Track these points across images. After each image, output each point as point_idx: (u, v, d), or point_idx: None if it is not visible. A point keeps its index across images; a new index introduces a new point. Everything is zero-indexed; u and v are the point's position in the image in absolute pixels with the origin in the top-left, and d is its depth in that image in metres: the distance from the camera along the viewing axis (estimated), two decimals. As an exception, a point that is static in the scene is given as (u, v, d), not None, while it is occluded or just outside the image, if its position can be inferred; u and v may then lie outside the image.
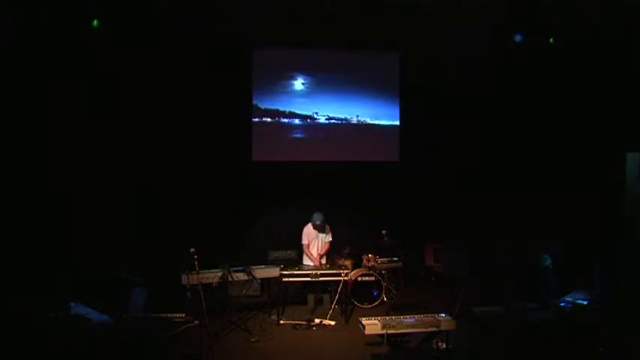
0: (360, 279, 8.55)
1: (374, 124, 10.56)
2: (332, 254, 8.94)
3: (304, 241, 8.69)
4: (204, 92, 9.73)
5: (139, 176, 9.41)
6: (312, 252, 8.64)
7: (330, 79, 10.42)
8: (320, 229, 8.63)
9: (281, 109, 10.31)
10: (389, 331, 6.13)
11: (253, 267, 8.04)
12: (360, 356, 6.78)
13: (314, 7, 8.59)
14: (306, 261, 8.70)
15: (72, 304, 6.38)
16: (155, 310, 6.75)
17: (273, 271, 8.18)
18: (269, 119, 10.28)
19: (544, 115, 9.61)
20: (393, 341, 6.33)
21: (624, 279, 7.83)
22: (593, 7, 7.95)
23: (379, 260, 8.53)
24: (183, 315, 6.51)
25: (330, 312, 8.03)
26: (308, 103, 10.37)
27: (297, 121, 10.35)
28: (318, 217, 8.57)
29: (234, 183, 9.99)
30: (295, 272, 8.17)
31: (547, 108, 9.58)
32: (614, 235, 8.36)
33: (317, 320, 7.92)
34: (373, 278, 8.57)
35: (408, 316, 6.41)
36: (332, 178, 10.21)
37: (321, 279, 8.18)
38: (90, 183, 8.98)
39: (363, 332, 6.24)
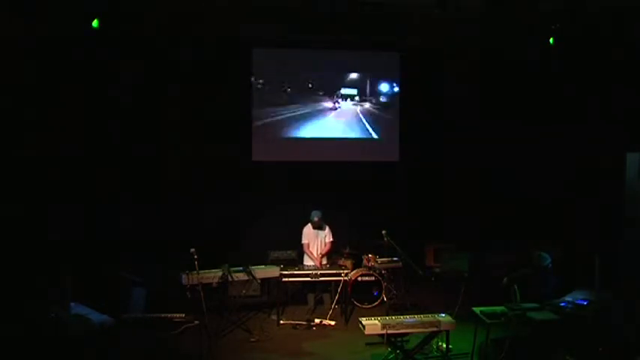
0: (360, 279, 8.54)
1: (374, 124, 10.55)
2: (332, 254, 8.94)
3: (304, 241, 8.68)
4: (204, 92, 9.73)
5: (138, 175, 9.40)
6: (312, 252, 8.64)
7: (331, 79, 10.41)
8: (318, 226, 8.63)
9: (281, 108, 10.31)
10: (389, 331, 6.13)
11: (253, 267, 8.05)
12: (360, 356, 6.78)
13: (314, 6, 8.58)
14: (307, 261, 8.69)
15: (72, 304, 6.37)
16: (155, 310, 6.75)
17: (273, 271, 8.18)
18: (269, 119, 10.28)
19: (544, 114, 9.59)
20: (393, 341, 6.33)
21: (624, 278, 7.82)
22: (593, 6, 7.94)
23: (379, 260, 8.53)
24: (183, 315, 6.52)
25: (330, 312, 8.03)
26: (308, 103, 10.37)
27: (297, 120, 10.35)
28: (315, 214, 8.57)
29: (234, 183, 9.98)
30: (295, 272, 8.17)
31: (547, 107, 9.57)
32: (614, 235, 8.35)
33: (317, 320, 7.92)
34: (373, 278, 8.56)
35: (408, 316, 6.40)
36: (332, 178, 10.20)
37: (321, 279, 8.19)
38: (89, 182, 8.99)
39: (363, 332, 6.23)
